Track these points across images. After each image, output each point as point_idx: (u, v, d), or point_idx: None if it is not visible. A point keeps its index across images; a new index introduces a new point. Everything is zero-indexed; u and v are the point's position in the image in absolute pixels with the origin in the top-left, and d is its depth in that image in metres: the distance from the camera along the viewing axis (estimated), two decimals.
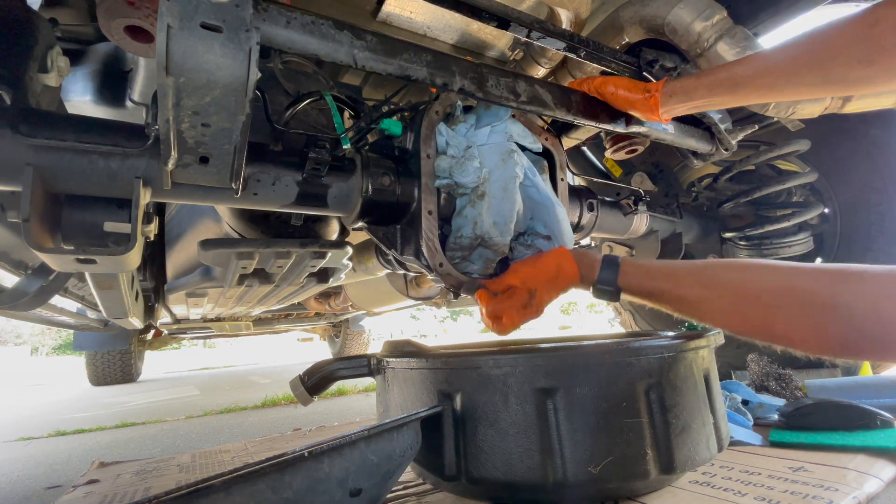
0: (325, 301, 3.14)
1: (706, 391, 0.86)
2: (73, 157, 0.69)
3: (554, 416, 0.74)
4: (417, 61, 0.81)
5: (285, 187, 0.83)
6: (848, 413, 1.11)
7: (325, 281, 1.43)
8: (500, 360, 0.78)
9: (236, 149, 0.69)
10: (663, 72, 1.20)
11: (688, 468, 0.80)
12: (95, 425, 2.51)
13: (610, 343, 0.83)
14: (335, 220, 1.22)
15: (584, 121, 1.03)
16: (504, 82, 0.92)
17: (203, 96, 0.59)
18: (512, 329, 0.86)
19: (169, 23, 0.52)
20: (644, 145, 1.47)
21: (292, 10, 0.71)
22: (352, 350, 5.43)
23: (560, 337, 1.33)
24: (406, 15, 1.23)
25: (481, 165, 0.91)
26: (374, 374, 1.01)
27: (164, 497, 0.48)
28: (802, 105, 1.19)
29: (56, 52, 0.84)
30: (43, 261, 0.72)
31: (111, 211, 0.80)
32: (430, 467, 0.84)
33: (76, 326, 2.59)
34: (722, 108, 1.09)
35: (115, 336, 4.35)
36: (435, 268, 0.88)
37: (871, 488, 0.81)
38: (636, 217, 1.43)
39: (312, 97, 0.90)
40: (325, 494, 0.58)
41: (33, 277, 1.24)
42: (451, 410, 0.80)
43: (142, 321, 1.90)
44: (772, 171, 1.71)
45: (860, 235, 1.64)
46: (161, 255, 1.69)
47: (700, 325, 1.06)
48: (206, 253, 1.06)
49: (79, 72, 1.24)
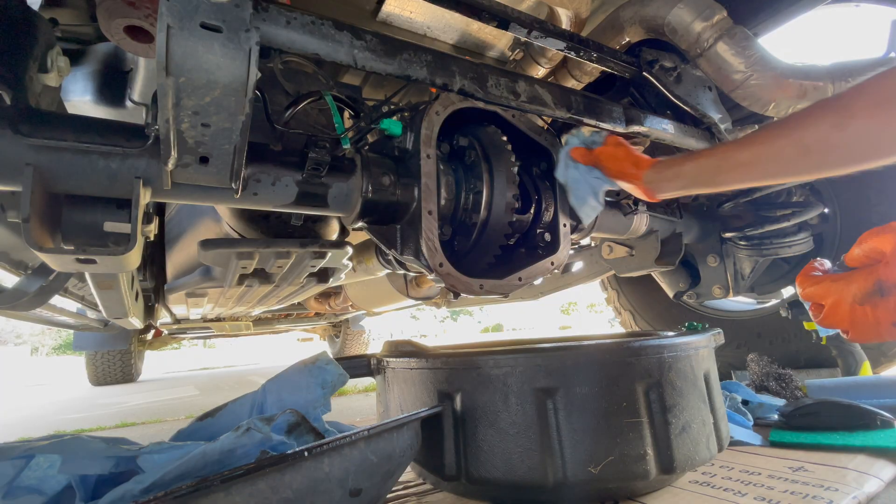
0: (325, 301, 3.14)
1: (706, 391, 0.86)
2: (73, 157, 0.69)
3: (554, 416, 0.74)
4: (417, 61, 0.81)
5: (285, 187, 0.83)
6: (848, 413, 1.11)
7: (325, 281, 1.43)
8: (500, 360, 0.78)
9: (236, 149, 0.69)
10: (663, 72, 1.20)
11: (688, 468, 0.80)
12: (95, 425, 2.51)
13: (610, 343, 0.83)
14: (335, 220, 1.22)
15: (584, 121, 1.03)
16: (504, 82, 0.92)
17: (203, 96, 0.59)
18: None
19: (169, 23, 0.52)
20: (644, 145, 1.47)
21: (292, 10, 0.71)
22: (352, 350, 5.42)
23: (560, 337, 1.33)
24: (406, 15, 1.23)
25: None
26: (374, 374, 1.01)
27: (164, 497, 0.48)
28: (802, 105, 1.19)
29: (56, 52, 0.84)
30: (43, 261, 0.72)
31: (111, 211, 0.80)
32: (430, 467, 0.84)
33: (76, 326, 2.59)
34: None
35: (115, 336, 4.35)
36: (435, 268, 0.88)
37: (871, 488, 0.81)
38: (636, 217, 1.43)
39: (312, 97, 0.90)
40: (325, 494, 0.58)
41: (33, 277, 1.24)
42: (451, 410, 0.80)
43: (142, 321, 1.90)
44: None
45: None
46: (161, 255, 1.69)
47: (700, 325, 1.06)
48: (206, 253, 1.06)
49: (79, 72, 1.24)
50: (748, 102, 1.22)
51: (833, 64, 1.21)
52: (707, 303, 2.07)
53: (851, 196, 1.67)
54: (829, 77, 1.19)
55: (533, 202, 1.04)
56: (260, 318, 4.04)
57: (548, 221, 1.05)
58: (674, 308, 2.19)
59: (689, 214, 1.69)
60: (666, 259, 1.56)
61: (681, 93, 1.23)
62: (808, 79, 1.18)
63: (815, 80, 1.18)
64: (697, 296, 1.79)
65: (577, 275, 2.11)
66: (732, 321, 1.98)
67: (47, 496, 0.59)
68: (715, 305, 2.08)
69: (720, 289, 1.72)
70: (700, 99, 1.26)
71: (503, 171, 0.93)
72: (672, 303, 2.12)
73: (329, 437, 0.62)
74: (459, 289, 0.91)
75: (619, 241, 1.66)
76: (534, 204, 1.04)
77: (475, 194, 0.94)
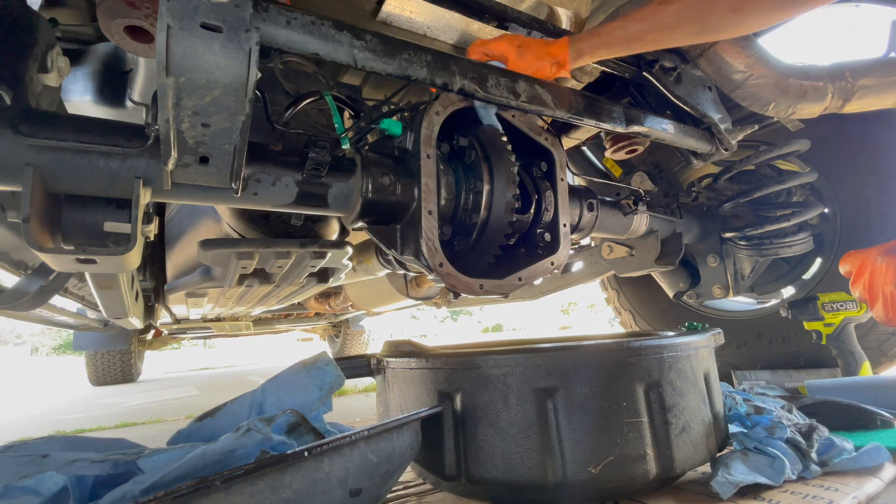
0: (325, 301, 3.14)
1: (706, 391, 0.86)
2: (73, 157, 0.69)
3: (554, 416, 0.74)
4: (417, 61, 0.81)
5: (285, 187, 0.83)
6: (848, 413, 1.11)
7: (325, 281, 1.43)
8: (500, 360, 0.78)
9: (236, 149, 0.69)
10: (663, 72, 1.20)
11: (688, 468, 0.80)
12: (95, 425, 2.52)
13: (610, 343, 0.84)
14: (335, 220, 1.22)
15: (584, 121, 1.03)
16: (504, 82, 0.92)
17: (203, 96, 0.59)
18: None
19: (169, 23, 0.52)
20: (644, 145, 1.47)
21: (292, 10, 0.71)
22: (352, 350, 5.42)
23: (560, 337, 1.33)
24: (406, 15, 1.23)
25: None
26: (374, 374, 1.01)
27: (164, 497, 0.48)
28: (802, 105, 1.19)
29: (56, 52, 0.84)
30: (43, 261, 0.72)
31: (111, 211, 0.80)
32: (430, 467, 0.84)
33: (76, 326, 2.59)
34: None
35: (115, 336, 4.35)
36: (435, 268, 0.88)
37: (871, 488, 0.81)
38: (636, 217, 1.43)
39: (312, 97, 0.90)
40: (325, 494, 0.58)
41: (33, 277, 1.24)
42: (451, 410, 0.80)
43: (142, 321, 1.90)
44: (772, 171, 1.71)
45: (860, 235, 1.64)
46: (161, 255, 1.69)
47: (700, 325, 1.06)
48: (206, 253, 1.06)
49: (79, 72, 1.24)
50: (748, 102, 1.22)
51: (833, 64, 1.21)
52: (707, 303, 2.07)
53: (851, 196, 1.67)
54: (829, 77, 1.19)
55: (533, 202, 1.04)
56: (260, 318, 4.04)
57: (548, 221, 1.05)
58: (674, 308, 2.19)
59: (689, 214, 1.69)
60: (666, 259, 1.56)
61: (681, 93, 1.23)
62: (808, 79, 1.18)
63: (815, 80, 1.18)
64: (697, 296, 1.79)
65: (577, 275, 2.11)
66: (732, 321, 1.98)
67: (44, 497, 0.59)
68: (715, 305, 2.08)
69: (720, 289, 1.72)
70: (700, 99, 1.26)
71: (503, 171, 0.93)
72: (672, 303, 2.12)
73: (329, 438, 0.62)
74: (459, 289, 0.91)
75: (619, 241, 1.66)
76: (534, 204, 1.04)
77: (475, 194, 0.94)
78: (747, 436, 0.92)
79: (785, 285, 1.91)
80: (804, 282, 1.85)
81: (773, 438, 0.88)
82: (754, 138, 1.60)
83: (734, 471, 0.81)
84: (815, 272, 1.82)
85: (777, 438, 0.88)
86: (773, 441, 0.88)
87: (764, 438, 0.89)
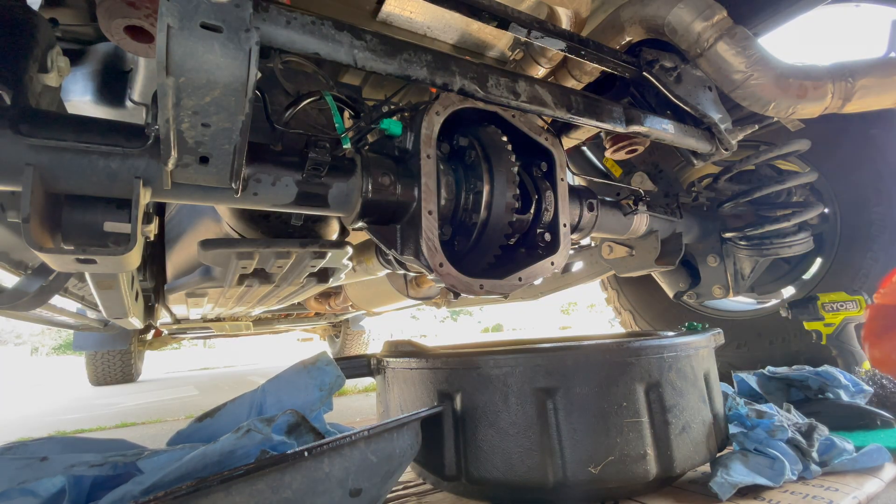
0: (325, 301, 3.14)
1: (706, 391, 0.86)
2: (73, 157, 0.69)
3: (554, 416, 0.74)
4: (417, 61, 0.81)
5: (285, 187, 0.83)
6: (848, 413, 1.11)
7: (325, 281, 1.43)
8: (500, 360, 0.78)
9: (236, 149, 0.69)
10: (663, 72, 1.20)
11: (688, 468, 0.80)
12: (95, 425, 2.51)
13: (610, 343, 0.84)
14: (335, 220, 1.22)
15: (584, 121, 1.03)
16: (504, 82, 0.92)
17: (203, 96, 0.59)
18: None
19: (169, 23, 0.52)
20: (644, 145, 1.47)
21: (292, 10, 0.71)
22: (352, 350, 5.42)
23: (560, 337, 1.33)
24: (406, 15, 1.23)
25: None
26: (374, 374, 1.01)
27: (164, 497, 0.48)
28: (802, 105, 1.19)
29: (56, 52, 0.84)
30: (43, 261, 0.72)
31: (111, 211, 0.80)
32: (430, 467, 0.84)
33: (76, 326, 2.59)
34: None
35: (115, 336, 4.35)
36: (435, 268, 0.88)
37: (872, 488, 0.81)
38: (636, 217, 1.43)
39: (312, 97, 0.90)
40: (325, 494, 0.58)
41: (33, 277, 1.24)
42: (451, 410, 0.80)
43: (142, 321, 1.90)
44: (772, 171, 1.71)
45: (860, 235, 1.64)
46: (161, 255, 1.69)
47: (700, 325, 1.06)
48: (206, 253, 1.06)
49: (79, 72, 1.24)
50: (748, 102, 1.22)
51: (833, 64, 1.21)
52: (707, 303, 2.07)
53: (851, 196, 1.67)
54: (829, 77, 1.19)
55: (533, 202, 1.04)
56: (260, 318, 4.04)
57: (548, 221, 1.04)
58: (674, 308, 2.19)
59: (689, 214, 1.69)
60: (666, 259, 1.56)
61: (681, 93, 1.23)
62: (808, 79, 1.18)
63: (815, 79, 1.18)
64: (697, 296, 1.79)
65: (577, 275, 2.11)
66: (732, 321, 1.98)
67: (42, 498, 0.59)
68: (715, 305, 2.08)
69: (720, 289, 1.72)
70: (700, 99, 1.26)
71: (503, 171, 0.93)
72: (672, 303, 2.12)
73: (329, 438, 0.62)
74: (459, 289, 0.91)
75: (619, 241, 1.66)
76: (534, 204, 1.04)
77: (475, 194, 0.94)
78: (747, 436, 0.92)
79: (785, 285, 1.91)
80: (804, 282, 1.85)
81: (773, 440, 0.88)
82: (754, 138, 1.60)
83: (733, 471, 0.81)
84: (815, 272, 1.82)
85: (778, 440, 0.88)
86: (773, 442, 0.88)
87: (764, 439, 0.89)
